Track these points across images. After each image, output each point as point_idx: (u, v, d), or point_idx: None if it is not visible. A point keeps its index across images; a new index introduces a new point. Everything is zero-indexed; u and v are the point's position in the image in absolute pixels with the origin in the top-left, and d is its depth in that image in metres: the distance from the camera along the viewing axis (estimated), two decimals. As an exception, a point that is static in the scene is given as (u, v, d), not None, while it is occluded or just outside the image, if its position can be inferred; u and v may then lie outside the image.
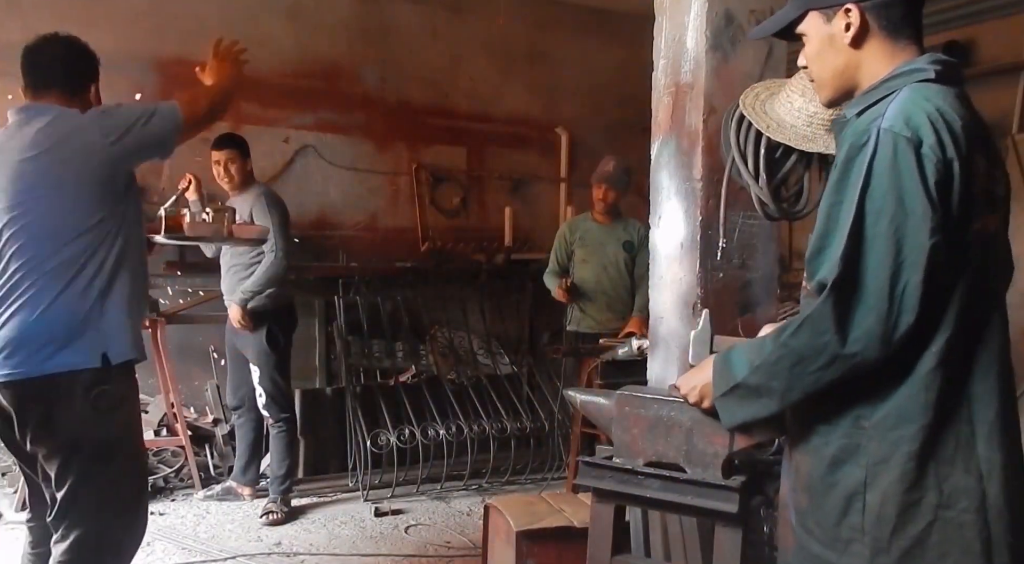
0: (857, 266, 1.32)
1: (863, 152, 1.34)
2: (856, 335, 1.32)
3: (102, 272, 2.18)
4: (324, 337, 5.13)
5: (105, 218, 2.18)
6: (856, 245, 1.32)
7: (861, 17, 1.44)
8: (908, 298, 1.30)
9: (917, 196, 1.30)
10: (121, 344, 2.21)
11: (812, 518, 1.47)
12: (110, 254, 2.19)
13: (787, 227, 4.81)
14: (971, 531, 1.36)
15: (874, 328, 1.31)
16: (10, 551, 3.55)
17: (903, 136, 1.31)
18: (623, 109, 5.91)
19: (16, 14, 4.39)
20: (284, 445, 4.09)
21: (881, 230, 1.31)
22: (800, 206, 2.14)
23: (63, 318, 2.12)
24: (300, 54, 5.14)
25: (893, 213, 1.30)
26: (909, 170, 1.30)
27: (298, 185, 5.09)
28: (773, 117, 2.01)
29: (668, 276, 2.46)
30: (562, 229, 4.64)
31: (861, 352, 1.33)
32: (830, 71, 1.50)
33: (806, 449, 1.49)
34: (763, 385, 1.46)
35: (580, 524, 2.72)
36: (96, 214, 2.17)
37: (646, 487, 1.85)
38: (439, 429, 4.55)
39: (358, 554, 3.63)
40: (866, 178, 1.32)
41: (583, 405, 2.06)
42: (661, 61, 2.50)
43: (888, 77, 1.44)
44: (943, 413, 1.36)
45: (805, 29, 1.52)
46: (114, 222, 2.20)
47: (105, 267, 2.18)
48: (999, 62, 4.67)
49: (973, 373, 1.38)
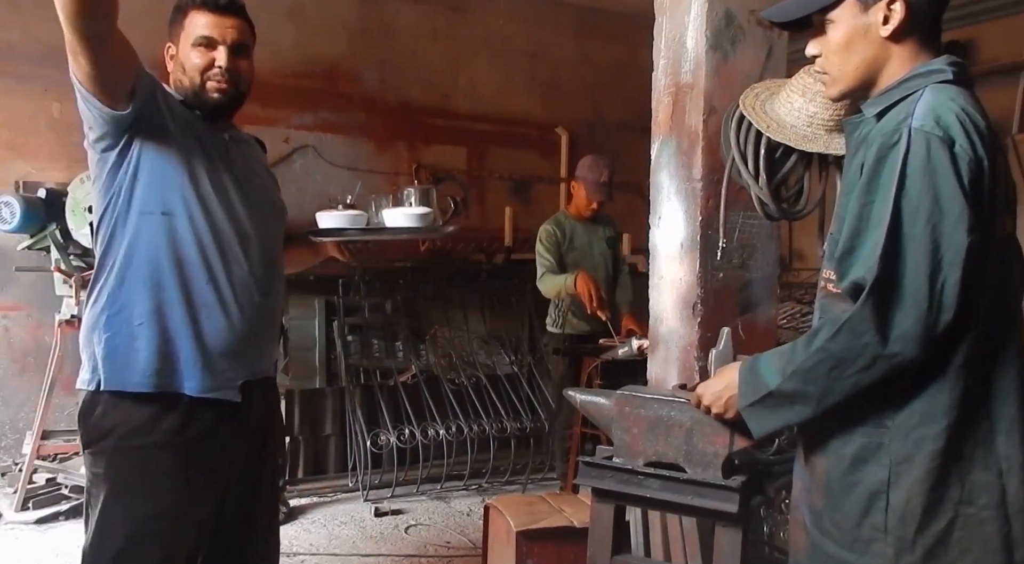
0: (895, 266, 1.31)
1: (895, 152, 1.33)
2: (897, 335, 1.31)
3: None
4: (324, 337, 5.13)
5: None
6: (894, 245, 1.31)
7: (906, 11, 1.41)
8: (947, 296, 1.30)
9: (954, 195, 1.29)
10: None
11: (829, 519, 1.46)
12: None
13: (787, 227, 4.81)
14: (991, 527, 1.36)
15: (915, 327, 1.30)
16: (10, 551, 3.55)
17: (936, 135, 1.31)
18: (623, 109, 5.92)
19: (16, 14, 4.39)
20: None
21: (919, 230, 1.30)
22: (800, 206, 2.14)
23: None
24: (300, 54, 5.15)
25: (930, 212, 1.29)
26: (944, 169, 1.30)
27: (298, 185, 5.09)
28: (773, 117, 2.01)
29: (668, 276, 2.46)
30: (549, 229, 4.18)
31: (902, 352, 1.32)
32: (856, 63, 1.46)
33: (823, 449, 1.48)
34: (798, 391, 1.42)
35: (580, 524, 2.72)
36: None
37: (646, 487, 1.85)
38: (439, 429, 4.55)
39: (358, 554, 3.63)
40: (900, 178, 1.31)
41: (583, 405, 2.06)
42: (661, 61, 2.49)
43: (907, 77, 1.43)
44: (966, 411, 1.36)
45: (837, 15, 1.45)
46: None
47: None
48: (999, 62, 4.67)
49: (994, 371, 1.39)
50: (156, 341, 1.78)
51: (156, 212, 1.80)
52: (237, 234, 1.88)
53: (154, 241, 1.80)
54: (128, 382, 1.78)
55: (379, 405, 4.60)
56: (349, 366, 4.78)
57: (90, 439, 1.81)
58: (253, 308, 1.89)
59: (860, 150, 1.44)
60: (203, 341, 1.82)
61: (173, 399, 1.80)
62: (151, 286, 1.79)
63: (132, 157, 1.79)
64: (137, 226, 1.80)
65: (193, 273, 1.82)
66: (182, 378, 1.80)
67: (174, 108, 1.85)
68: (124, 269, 1.80)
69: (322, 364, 5.13)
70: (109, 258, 1.82)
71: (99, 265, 1.84)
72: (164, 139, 1.80)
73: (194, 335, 1.81)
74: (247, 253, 1.89)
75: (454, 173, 5.69)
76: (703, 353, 2.38)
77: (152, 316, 1.79)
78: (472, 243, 5.60)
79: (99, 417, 1.79)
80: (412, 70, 5.51)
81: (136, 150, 1.79)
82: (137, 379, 1.78)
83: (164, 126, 1.80)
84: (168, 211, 1.80)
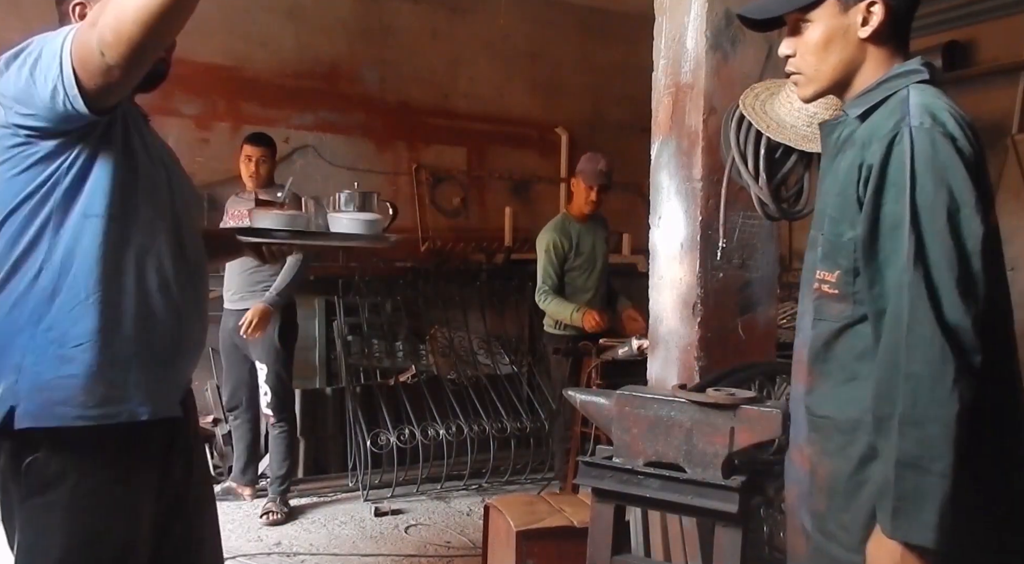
0: (927, 264, 1.29)
1: (899, 151, 1.33)
2: (958, 333, 1.26)
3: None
4: (324, 337, 5.13)
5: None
6: (920, 244, 1.29)
7: (885, 13, 1.42)
8: (978, 285, 1.29)
9: (964, 187, 1.30)
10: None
11: (834, 521, 1.44)
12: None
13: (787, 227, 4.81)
14: None
15: (966, 320, 1.27)
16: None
17: (938, 131, 1.32)
18: (623, 109, 5.92)
19: (16, 14, 4.39)
20: (285, 446, 4.09)
21: (939, 225, 1.29)
22: (800, 206, 2.14)
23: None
24: (300, 54, 5.14)
25: (945, 205, 1.29)
26: (953, 162, 1.30)
27: (298, 185, 5.05)
28: (773, 117, 2.01)
29: (668, 276, 2.46)
30: (552, 238, 4.10)
31: (970, 347, 1.27)
32: (832, 63, 1.46)
33: (826, 450, 1.46)
34: (923, 458, 1.25)
35: (580, 524, 2.72)
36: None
37: (646, 487, 1.85)
38: (439, 429, 4.55)
39: (358, 554, 3.63)
40: (912, 176, 1.30)
41: (583, 405, 2.06)
42: (661, 61, 2.50)
43: (886, 78, 1.43)
44: None
45: (817, 15, 1.45)
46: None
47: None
48: (999, 62, 4.67)
49: (992, 364, 1.37)
50: (97, 364, 1.49)
51: (102, 215, 1.50)
52: (177, 228, 1.62)
53: (98, 249, 1.50)
54: (65, 415, 1.47)
55: (379, 405, 4.60)
56: (349, 366, 4.78)
57: (29, 492, 1.49)
58: (191, 311, 1.65)
59: (846, 151, 1.44)
60: (154, 357, 1.56)
61: (114, 430, 1.52)
62: (94, 301, 1.49)
63: (80, 152, 1.49)
64: (77, 232, 1.49)
65: (144, 280, 1.55)
66: (129, 404, 1.52)
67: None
68: (57, 281, 1.48)
69: (322, 364, 5.13)
70: (27, 265, 1.49)
71: (8, 270, 1.50)
72: (115, 134, 1.53)
73: (144, 351, 1.55)
74: (186, 248, 1.64)
75: (454, 173, 5.69)
76: (703, 353, 2.38)
77: (95, 336, 1.49)
78: (472, 243, 5.61)
79: (41, 464, 1.48)
80: (412, 70, 5.51)
81: (87, 146, 1.49)
82: (71, 411, 1.47)
83: (116, 123, 1.54)
84: (115, 214, 1.51)
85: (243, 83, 4.98)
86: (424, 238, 5.50)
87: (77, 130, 1.47)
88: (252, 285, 4.01)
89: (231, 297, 4.09)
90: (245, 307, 3.98)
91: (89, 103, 1.40)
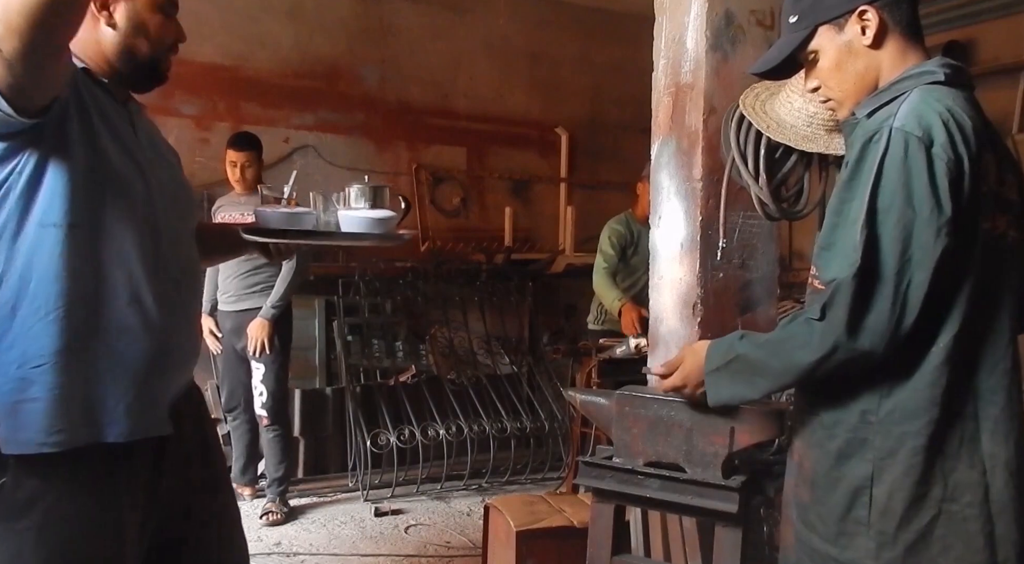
0: (868, 262, 1.33)
1: (874, 150, 1.35)
2: (864, 329, 1.33)
3: None
4: (324, 337, 5.13)
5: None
6: (868, 242, 1.33)
7: (879, 16, 1.44)
8: (912, 296, 1.32)
9: (925, 196, 1.31)
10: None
11: (814, 512, 1.48)
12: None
13: (787, 227, 4.81)
14: (974, 525, 1.37)
15: (880, 324, 1.33)
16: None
17: (915, 135, 1.33)
18: (623, 109, 5.93)
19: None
20: (280, 449, 4.08)
21: (889, 228, 1.32)
22: (800, 206, 2.14)
23: None
24: (300, 54, 5.14)
25: (901, 211, 1.31)
26: (919, 170, 1.31)
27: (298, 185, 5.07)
28: (773, 117, 2.01)
29: (668, 276, 2.46)
30: (619, 229, 4.27)
31: (865, 346, 1.34)
32: (852, 78, 1.49)
33: (810, 443, 1.50)
34: (762, 362, 1.48)
35: (580, 524, 2.72)
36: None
37: (646, 487, 1.86)
38: (439, 429, 4.56)
39: (358, 554, 3.63)
40: (877, 176, 1.33)
41: (583, 405, 2.06)
42: (661, 61, 2.49)
43: (898, 79, 1.45)
44: (949, 408, 1.37)
45: (818, 45, 1.50)
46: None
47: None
48: (999, 62, 4.67)
49: (980, 369, 1.40)
50: (60, 386, 1.38)
51: (61, 224, 1.38)
52: (154, 236, 1.52)
53: (59, 260, 1.38)
54: (28, 442, 1.38)
55: (379, 405, 4.60)
56: (349, 366, 4.78)
57: (1, 516, 1.40)
58: (177, 319, 1.56)
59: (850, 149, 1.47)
60: (127, 374, 1.46)
61: (90, 451, 1.42)
62: (56, 318, 1.38)
63: (29, 157, 1.38)
64: (35, 242, 1.38)
65: (111, 294, 1.44)
66: (101, 426, 1.42)
67: (84, 97, 1.44)
68: (14, 297, 1.38)
69: (322, 364, 5.13)
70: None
71: None
72: (71, 136, 1.40)
73: (116, 368, 1.44)
74: (166, 257, 1.54)
75: (454, 173, 5.69)
76: (703, 353, 2.38)
77: (57, 356, 1.38)
78: (472, 243, 5.60)
79: (10, 489, 1.39)
80: (412, 70, 5.51)
81: (38, 150, 1.38)
82: (36, 437, 1.37)
83: (68, 122, 1.41)
84: (76, 223, 1.39)
85: (243, 83, 4.97)
86: (424, 238, 5.50)
87: (21, 134, 1.34)
88: (248, 287, 4.01)
89: (227, 299, 4.09)
90: (241, 309, 3.99)
91: (12, 103, 1.27)
